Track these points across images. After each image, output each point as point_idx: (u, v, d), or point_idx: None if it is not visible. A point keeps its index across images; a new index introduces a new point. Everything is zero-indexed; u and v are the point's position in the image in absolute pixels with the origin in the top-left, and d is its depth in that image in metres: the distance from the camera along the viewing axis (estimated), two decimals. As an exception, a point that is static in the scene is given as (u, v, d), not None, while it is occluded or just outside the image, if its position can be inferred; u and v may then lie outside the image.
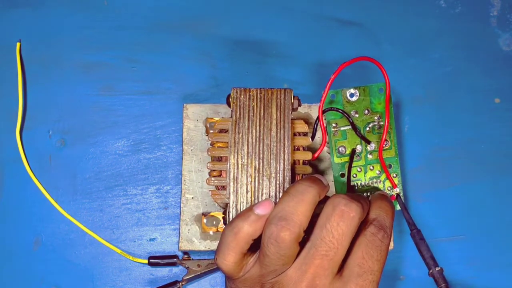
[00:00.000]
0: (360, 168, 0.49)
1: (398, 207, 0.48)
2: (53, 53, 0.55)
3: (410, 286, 0.52)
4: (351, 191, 0.48)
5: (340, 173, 0.48)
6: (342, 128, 0.48)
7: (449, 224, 0.53)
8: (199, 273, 0.50)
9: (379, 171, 0.49)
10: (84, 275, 0.51)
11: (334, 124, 0.48)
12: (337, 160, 0.48)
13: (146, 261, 0.51)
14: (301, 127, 0.45)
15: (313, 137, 0.47)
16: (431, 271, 0.45)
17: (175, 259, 0.50)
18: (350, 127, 0.48)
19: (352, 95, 0.48)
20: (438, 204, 0.53)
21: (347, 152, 0.48)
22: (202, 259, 0.50)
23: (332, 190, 0.49)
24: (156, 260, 0.50)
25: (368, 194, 0.49)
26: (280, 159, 0.43)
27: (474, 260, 0.52)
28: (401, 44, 0.56)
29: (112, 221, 0.52)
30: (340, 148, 0.48)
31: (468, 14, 0.57)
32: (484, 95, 0.55)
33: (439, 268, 0.45)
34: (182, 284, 0.50)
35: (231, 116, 0.44)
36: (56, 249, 0.51)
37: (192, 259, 0.50)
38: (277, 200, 0.43)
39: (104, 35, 0.55)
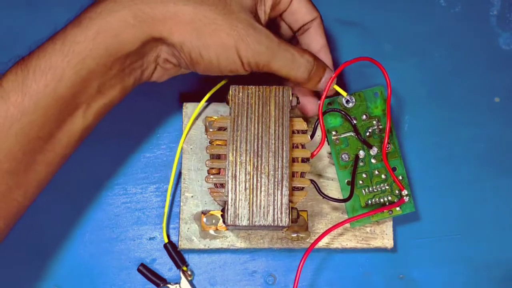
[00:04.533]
0: (366, 174, 0.49)
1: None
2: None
3: (410, 286, 0.52)
4: (356, 198, 0.48)
5: (346, 181, 0.48)
6: (342, 136, 0.48)
7: (448, 223, 0.53)
8: None
9: (384, 175, 0.49)
10: (84, 275, 0.51)
11: (334, 132, 0.48)
12: (341, 168, 0.48)
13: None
14: (300, 125, 0.45)
15: (312, 136, 0.47)
16: None
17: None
18: (350, 133, 0.48)
19: (348, 101, 0.48)
20: (438, 203, 0.53)
21: (351, 159, 0.48)
22: None
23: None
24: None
25: (377, 200, 0.48)
26: (278, 157, 0.43)
27: (473, 259, 0.52)
28: (401, 44, 0.56)
29: (112, 220, 0.52)
30: (343, 156, 0.48)
31: (468, 13, 0.57)
32: (484, 94, 0.55)
33: None
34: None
35: (230, 114, 0.44)
36: (56, 247, 0.51)
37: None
38: (276, 198, 0.43)
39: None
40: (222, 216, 0.44)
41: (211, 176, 0.44)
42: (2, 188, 0.39)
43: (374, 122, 0.49)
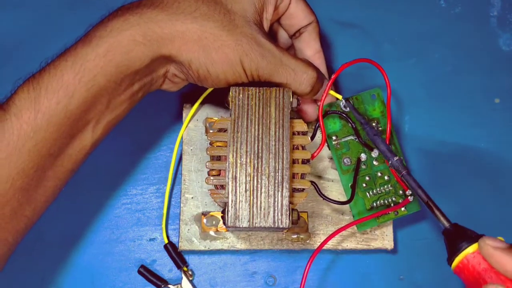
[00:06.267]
0: (369, 177, 0.48)
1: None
2: (53, 53, 0.54)
3: (410, 286, 0.52)
4: (361, 201, 0.48)
5: (350, 184, 0.48)
6: (343, 140, 0.48)
7: (449, 224, 0.53)
8: None
9: (387, 176, 0.48)
10: (84, 275, 0.51)
11: (334, 137, 0.48)
12: (344, 173, 0.48)
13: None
14: (300, 126, 0.45)
15: (313, 137, 0.46)
16: (390, 162, 0.45)
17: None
18: (350, 137, 0.48)
19: (345, 106, 0.48)
20: (438, 203, 0.53)
21: (352, 163, 0.48)
22: None
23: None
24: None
25: (382, 202, 0.48)
26: (279, 158, 0.43)
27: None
28: (401, 44, 0.56)
29: (112, 221, 0.52)
30: (345, 160, 0.48)
31: (468, 14, 0.57)
32: (484, 95, 0.55)
33: (397, 158, 0.45)
34: None
35: (230, 115, 0.44)
36: (56, 249, 0.51)
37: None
38: (276, 199, 0.43)
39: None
40: (223, 217, 0.44)
41: (211, 178, 0.44)
42: (14, 205, 0.40)
43: (374, 124, 0.49)
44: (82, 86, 0.39)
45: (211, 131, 0.47)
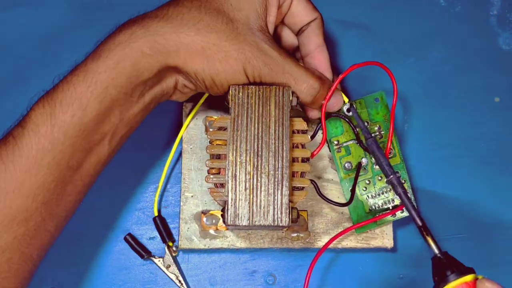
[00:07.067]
0: (369, 181, 0.48)
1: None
2: (53, 53, 0.55)
3: (410, 286, 0.52)
4: (360, 204, 0.48)
5: (350, 189, 0.48)
6: (344, 144, 0.48)
7: (448, 223, 0.53)
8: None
9: None
10: (84, 275, 0.51)
11: (336, 142, 0.48)
12: (344, 176, 0.48)
13: None
14: (300, 125, 0.45)
15: (313, 137, 0.46)
16: (390, 178, 0.45)
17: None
18: (352, 141, 0.48)
19: (349, 110, 0.48)
20: (438, 203, 0.53)
21: (353, 167, 0.48)
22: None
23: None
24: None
25: (381, 205, 0.48)
26: (278, 157, 0.43)
27: (474, 259, 0.52)
28: (400, 43, 0.56)
29: (111, 220, 0.52)
30: (346, 164, 0.48)
31: (468, 13, 0.57)
32: (484, 94, 0.55)
33: (399, 175, 0.45)
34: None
35: (230, 114, 0.44)
36: (55, 247, 0.51)
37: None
38: (276, 197, 0.43)
39: (103, 35, 0.55)
40: (222, 216, 0.44)
41: (211, 176, 0.44)
42: (38, 220, 0.40)
43: (376, 128, 0.49)
44: (95, 98, 0.40)
45: (211, 129, 0.47)
